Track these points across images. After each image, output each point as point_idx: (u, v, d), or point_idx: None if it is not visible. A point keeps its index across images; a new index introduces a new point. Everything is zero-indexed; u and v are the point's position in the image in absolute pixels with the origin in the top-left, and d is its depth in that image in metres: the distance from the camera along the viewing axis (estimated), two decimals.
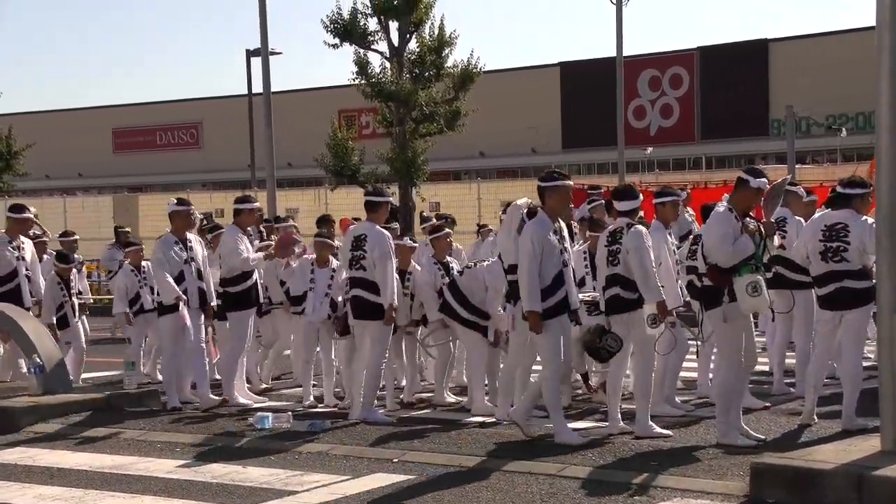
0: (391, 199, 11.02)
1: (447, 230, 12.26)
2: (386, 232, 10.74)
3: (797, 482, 7.23)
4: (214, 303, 11.99)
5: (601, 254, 9.92)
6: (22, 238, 12.78)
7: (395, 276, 10.84)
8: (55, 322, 13.29)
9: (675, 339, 10.63)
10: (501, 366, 11.07)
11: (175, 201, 12.15)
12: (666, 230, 10.48)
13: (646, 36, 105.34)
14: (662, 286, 9.75)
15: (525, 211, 10.37)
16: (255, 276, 12.09)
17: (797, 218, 11.39)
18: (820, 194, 12.83)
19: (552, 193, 9.33)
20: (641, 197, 10.03)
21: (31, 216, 13.12)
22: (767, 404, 10.90)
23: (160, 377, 12.94)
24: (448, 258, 12.06)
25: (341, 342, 11.69)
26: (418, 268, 11.78)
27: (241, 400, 12.00)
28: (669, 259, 10.36)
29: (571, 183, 9.58)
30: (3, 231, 13.00)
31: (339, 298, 11.58)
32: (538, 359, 11.36)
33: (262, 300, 12.33)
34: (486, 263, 11.25)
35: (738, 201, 8.98)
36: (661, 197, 10.68)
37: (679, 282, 10.85)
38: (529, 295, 9.12)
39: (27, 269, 12.71)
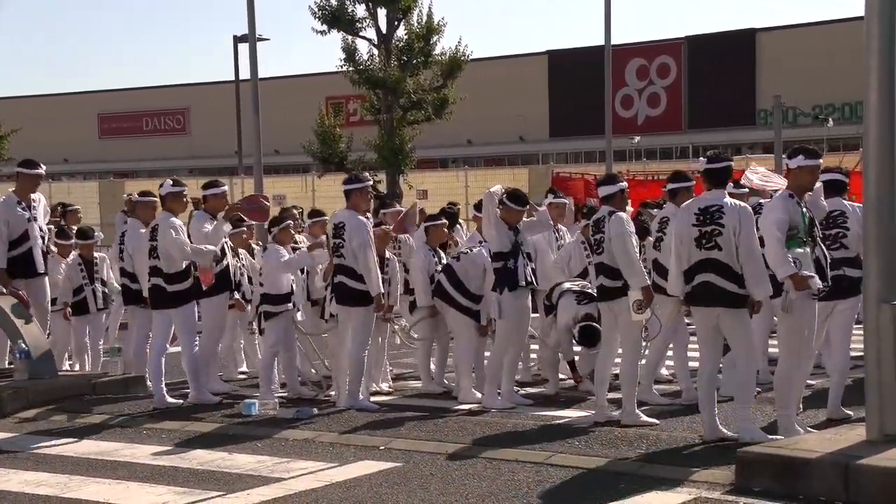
0: (366, 184, 10.90)
1: (443, 220, 12.23)
2: (364, 220, 10.68)
3: (783, 471, 7.25)
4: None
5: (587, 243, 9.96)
6: (33, 196, 12.15)
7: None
8: (70, 307, 12.96)
9: (660, 324, 10.64)
10: (487, 354, 11.08)
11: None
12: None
13: (634, 25, 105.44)
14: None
15: (501, 196, 10.44)
16: (228, 259, 11.77)
17: None
18: None
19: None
20: (624, 184, 9.97)
21: (43, 172, 12.27)
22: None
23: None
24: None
25: (328, 333, 11.65)
26: (392, 256, 11.82)
27: (219, 387, 11.96)
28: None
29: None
30: (12, 190, 12.23)
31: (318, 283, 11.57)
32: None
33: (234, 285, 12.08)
34: (481, 249, 11.18)
35: (796, 187, 8.66)
36: (676, 182, 10.70)
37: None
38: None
39: (41, 231, 12.16)
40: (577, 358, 11.58)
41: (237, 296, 12.07)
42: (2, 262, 11.92)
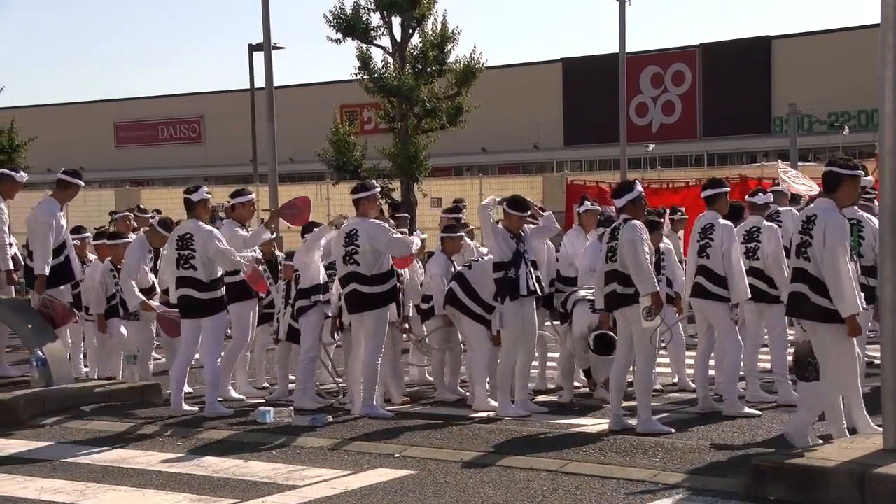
0: (374, 191, 10.91)
1: (461, 233, 12.26)
2: (379, 221, 10.75)
3: (799, 480, 7.23)
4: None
5: (602, 251, 9.96)
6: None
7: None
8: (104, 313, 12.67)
9: (671, 332, 10.65)
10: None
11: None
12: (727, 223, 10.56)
13: (648, 32, 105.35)
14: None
15: (500, 205, 10.48)
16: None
17: (792, 211, 11.84)
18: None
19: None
20: (638, 191, 9.92)
21: (83, 184, 12.22)
22: (774, 400, 10.91)
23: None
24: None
25: (343, 341, 11.68)
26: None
27: (235, 395, 11.98)
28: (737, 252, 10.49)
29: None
30: (51, 194, 12.04)
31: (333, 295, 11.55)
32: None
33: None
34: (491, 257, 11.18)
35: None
36: (713, 188, 10.70)
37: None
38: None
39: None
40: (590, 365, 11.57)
41: None
42: (46, 268, 11.71)
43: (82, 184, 12.28)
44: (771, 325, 11.17)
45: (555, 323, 12.31)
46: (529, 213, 10.75)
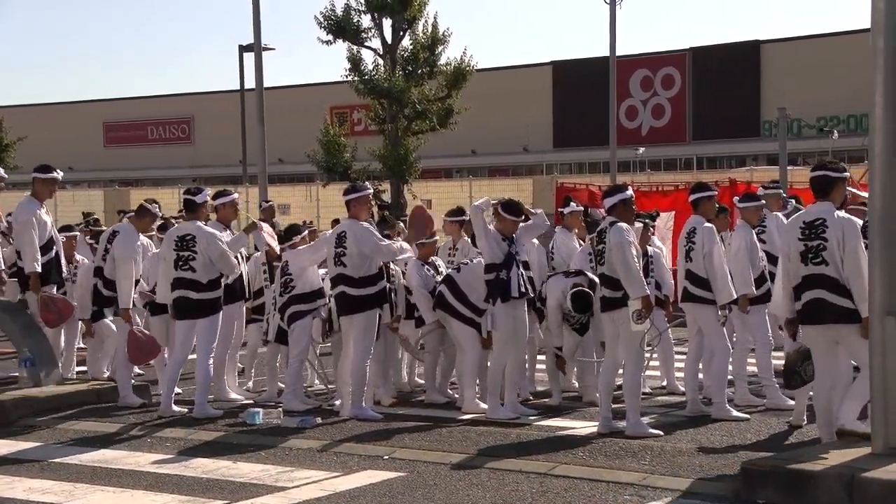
0: (365, 193, 10.90)
1: (436, 238, 12.30)
2: (367, 224, 10.75)
3: (788, 484, 7.25)
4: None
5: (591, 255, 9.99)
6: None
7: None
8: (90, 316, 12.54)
9: (660, 333, 10.67)
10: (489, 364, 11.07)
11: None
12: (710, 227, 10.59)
13: (638, 36, 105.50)
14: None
15: (497, 206, 10.50)
16: (242, 268, 11.79)
17: (779, 216, 11.91)
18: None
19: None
20: (627, 193, 9.93)
21: (58, 176, 11.95)
22: (763, 404, 10.93)
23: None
24: (433, 258, 12.10)
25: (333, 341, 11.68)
26: (398, 269, 11.76)
27: (233, 395, 11.97)
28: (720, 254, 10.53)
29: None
30: (29, 194, 11.88)
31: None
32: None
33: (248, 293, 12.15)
34: (481, 259, 11.17)
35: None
36: (699, 192, 10.72)
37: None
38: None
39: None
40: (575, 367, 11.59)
41: None
42: (37, 265, 11.54)
43: (58, 175, 12.00)
44: (753, 328, 11.21)
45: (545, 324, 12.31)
46: (523, 217, 10.74)
